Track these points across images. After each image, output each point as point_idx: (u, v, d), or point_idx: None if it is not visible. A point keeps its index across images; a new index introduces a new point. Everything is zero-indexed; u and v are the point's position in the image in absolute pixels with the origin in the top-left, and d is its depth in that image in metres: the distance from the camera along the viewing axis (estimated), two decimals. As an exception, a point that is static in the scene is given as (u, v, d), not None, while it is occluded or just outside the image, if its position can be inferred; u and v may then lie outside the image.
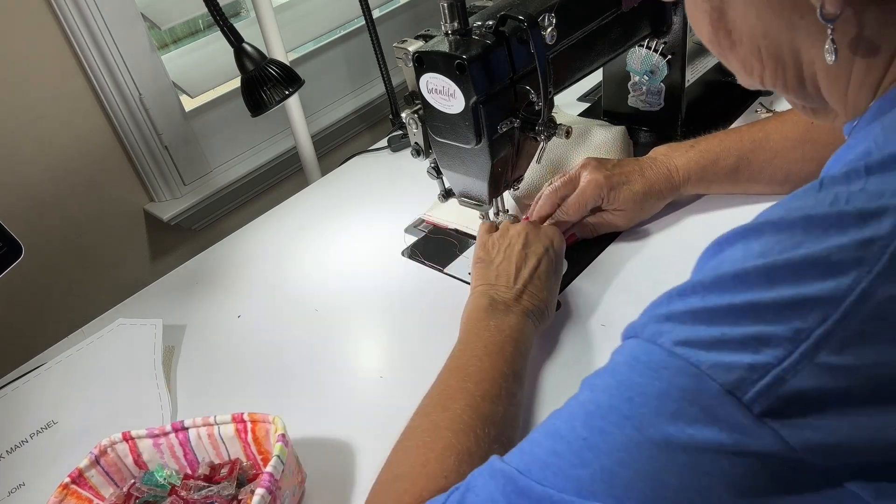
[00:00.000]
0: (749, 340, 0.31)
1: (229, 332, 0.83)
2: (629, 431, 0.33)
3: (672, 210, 0.84)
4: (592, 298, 0.75)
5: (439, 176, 0.79)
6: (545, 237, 0.72)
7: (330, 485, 0.62)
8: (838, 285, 0.30)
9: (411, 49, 0.68)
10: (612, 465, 0.33)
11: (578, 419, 0.36)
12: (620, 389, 0.34)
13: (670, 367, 0.33)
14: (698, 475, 0.31)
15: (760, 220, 0.34)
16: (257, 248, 0.98)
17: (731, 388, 0.31)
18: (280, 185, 1.29)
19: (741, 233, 0.35)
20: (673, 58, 0.90)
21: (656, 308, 0.36)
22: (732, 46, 0.43)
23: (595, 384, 0.37)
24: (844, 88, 0.40)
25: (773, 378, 0.30)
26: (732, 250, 0.35)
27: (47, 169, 1.00)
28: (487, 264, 0.70)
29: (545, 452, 0.37)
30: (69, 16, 0.94)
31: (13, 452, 0.72)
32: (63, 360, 0.81)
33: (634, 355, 0.35)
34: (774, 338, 0.30)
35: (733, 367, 0.31)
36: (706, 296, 0.33)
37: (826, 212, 0.31)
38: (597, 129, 0.94)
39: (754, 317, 0.31)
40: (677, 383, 0.32)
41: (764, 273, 0.32)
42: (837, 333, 0.30)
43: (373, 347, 0.77)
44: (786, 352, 0.30)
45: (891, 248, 0.29)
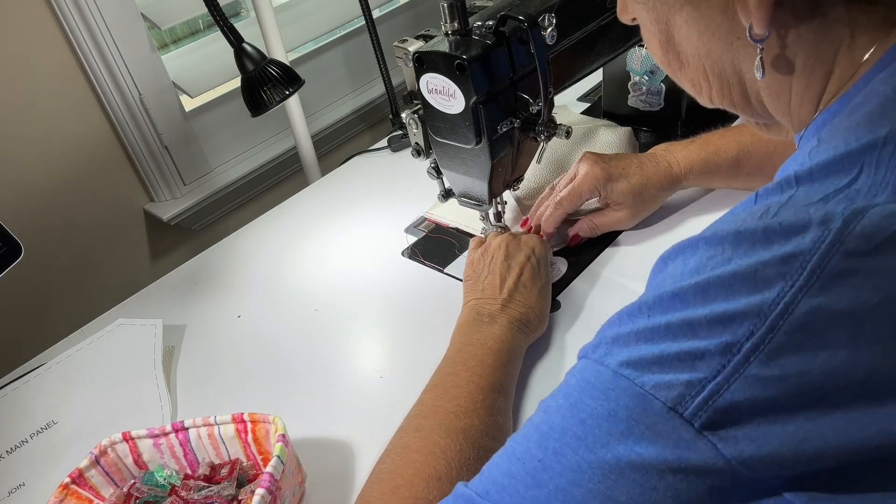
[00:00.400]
0: (685, 356, 0.32)
1: (229, 332, 0.83)
2: (582, 452, 0.34)
3: (672, 210, 0.84)
4: (592, 299, 0.75)
5: (439, 176, 0.79)
6: (526, 246, 0.73)
7: (330, 485, 0.62)
8: (764, 299, 0.31)
9: (411, 49, 0.68)
10: (566, 484, 0.34)
11: (533, 440, 0.37)
12: (573, 411, 0.36)
13: (617, 387, 0.34)
14: (646, 491, 0.33)
15: (698, 236, 0.36)
16: (257, 248, 0.98)
17: (672, 404, 0.32)
18: (280, 185, 1.29)
19: (680, 249, 0.37)
20: (673, 58, 0.90)
21: (608, 329, 0.38)
22: (682, 67, 0.45)
23: (549, 406, 0.38)
24: (787, 104, 0.42)
25: (708, 392, 0.31)
26: (674, 266, 0.36)
27: (47, 169, 1.00)
28: (475, 281, 0.71)
29: (502, 474, 0.38)
30: (69, 16, 0.94)
31: (13, 452, 0.72)
32: (63, 360, 0.81)
33: (585, 377, 0.36)
34: (707, 353, 0.32)
35: (673, 384, 0.32)
36: (650, 315, 0.35)
37: (754, 226, 0.33)
38: (603, 129, 0.94)
39: (689, 333, 0.33)
40: (624, 404, 0.34)
41: (699, 290, 0.33)
42: (765, 345, 0.31)
43: (373, 347, 0.77)
44: (719, 365, 0.31)
45: (811, 262, 0.31)
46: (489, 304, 0.67)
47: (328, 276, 0.88)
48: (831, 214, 0.31)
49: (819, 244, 0.31)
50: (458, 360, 0.62)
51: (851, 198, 0.32)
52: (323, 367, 0.75)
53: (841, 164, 0.33)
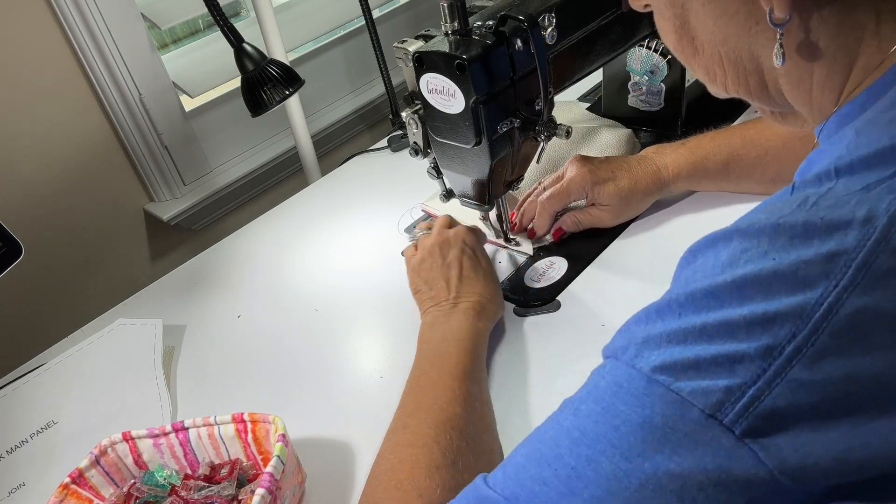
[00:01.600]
0: (723, 360, 0.31)
1: (229, 332, 0.83)
2: (617, 460, 0.33)
3: (673, 209, 0.84)
4: (592, 299, 0.75)
5: (439, 176, 0.79)
6: (456, 241, 0.75)
7: (330, 485, 0.62)
8: (806, 300, 0.30)
9: (411, 49, 0.68)
10: (602, 494, 0.33)
11: (564, 446, 0.36)
12: (606, 417, 0.34)
13: (652, 394, 0.33)
14: (685, 502, 0.32)
15: (731, 227, 0.34)
16: (257, 248, 0.98)
17: (711, 411, 0.31)
18: (280, 185, 1.29)
19: (711, 241, 0.35)
20: (673, 58, 0.90)
21: (635, 327, 0.36)
22: (696, 54, 0.44)
23: (580, 409, 0.36)
24: (808, 92, 0.40)
25: (749, 398, 0.30)
26: (704, 259, 0.35)
27: (47, 169, 1.00)
28: (423, 291, 0.73)
29: (532, 480, 0.36)
30: (69, 16, 0.94)
31: (13, 452, 0.72)
32: (63, 360, 0.81)
33: (617, 381, 0.35)
34: (747, 356, 0.31)
35: (711, 390, 0.31)
36: (681, 314, 0.33)
37: (793, 220, 0.32)
38: (604, 130, 0.94)
39: (726, 335, 0.31)
40: (660, 410, 0.32)
41: (735, 288, 0.32)
42: (808, 348, 0.30)
43: (373, 347, 0.77)
44: (759, 369, 0.30)
45: (857, 260, 0.29)
46: (443, 305, 0.69)
47: (328, 276, 0.88)
48: (875, 211, 0.30)
49: (864, 241, 0.29)
50: (426, 359, 0.64)
51: (894, 189, 0.30)
52: (323, 367, 0.75)
53: (883, 158, 0.32)
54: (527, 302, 0.76)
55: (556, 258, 0.81)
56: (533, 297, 0.76)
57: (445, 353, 0.63)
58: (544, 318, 0.74)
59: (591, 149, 0.91)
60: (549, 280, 0.78)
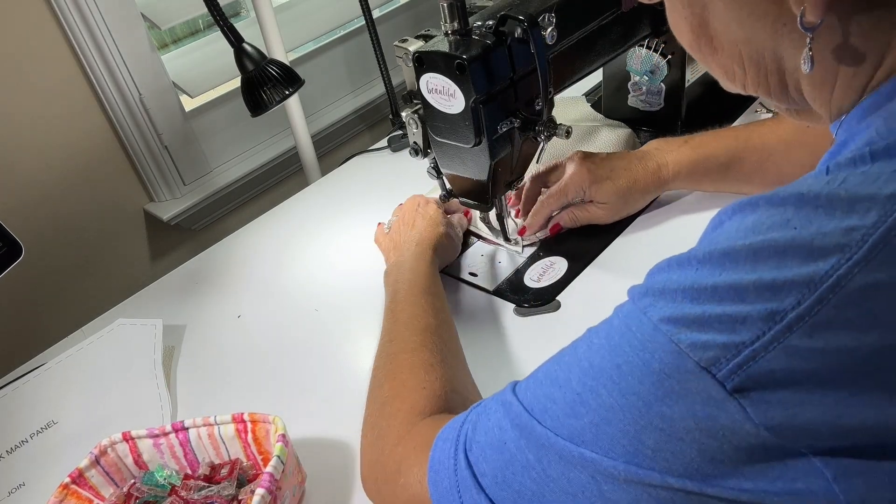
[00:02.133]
0: (727, 319, 0.32)
1: (229, 332, 0.83)
2: (616, 395, 0.36)
3: (673, 209, 0.84)
4: (592, 299, 0.75)
5: (439, 176, 0.79)
6: (411, 207, 0.84)
7: (330, 485, 0.62)
8: (816, 270, 0.31)
9: (411, 49, 0.68)
10: (599, 421, 0.36)
11: (574, 373, 0.39)
12: (612, 354, 0.37)
13: (654, 341, 0.35)
14: (673, 440, 0.34)
15: (760, 195, 0.35)
16: (257, 248, 0.98)
17: (706, 364, 0.33)
18: (280, 185, 1.29)
19: (739, 207, 0.36)
20: (673, 58, 0.90)
21: (657, 276, 0.38)
22: (714, 53, 0.44)
23: (593, 342, 0.39)
24: (829, 93, 0.40)
25: (744, 357, 0.32)
26: (730, 223, 0.36)
27: (47, 169, 1.00)
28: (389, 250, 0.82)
29: (545, 396, 0.40)
30: (69, 16, 0.94)
31: (13, 452, 0.72)
32: (63, 360, 0.81)
33: (628, 323, 0.37)
34: (749, 317, 0.32)
35: (710, 345, 0.33)
36: (698, 270, 0.35)
37: (818, 191, 0.32)
38: (604, 129, 0.94)
39: (735, 296, 0.33)
40: (659, 357, 0.34)
41: (750, 253, 0.33)
42: (810, 317, 0.30)
43: (373, 347, 0.76)
44: (759, 331, 0.31)
45: (874, 237, 0.30)
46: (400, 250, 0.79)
47: (328, 276, 0.88)
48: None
49: (885, 218, 0.30)
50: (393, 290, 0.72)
51: None
52: (323, 367, 0.75)
53: None
54: (527, 302, 0.76)
55: (556, 258, 0.81)
56: (533, 297, 0.77)
57: (405, 281, 0.71)
58: (544, 318, 0.74)
59: (590, 148, 0.91)
60: (549, 280, 0.78)
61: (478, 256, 0.85)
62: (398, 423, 0.54)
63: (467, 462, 0.43)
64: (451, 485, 0.44)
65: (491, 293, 0.79)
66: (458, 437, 0.45)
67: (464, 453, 0.44)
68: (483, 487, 0.42)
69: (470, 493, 0.42)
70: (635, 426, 0.35)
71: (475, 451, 0.43)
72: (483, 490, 0.42)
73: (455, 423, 0.47)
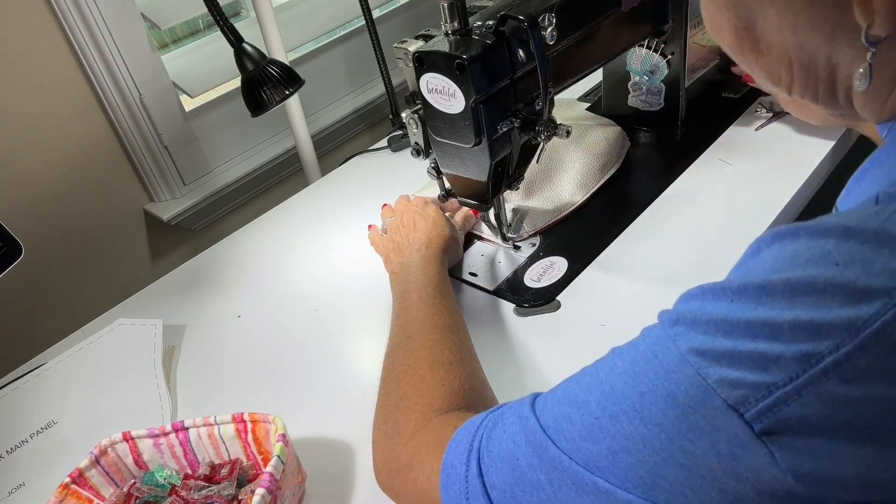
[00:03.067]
0: (759, 357, 0.31)
1: (229, 332, 0.83)
2: (636, 424, 0.34)
3: (673, 209, 0.84)
4: (592, 299, 0.75)
5: (439, 176, 0.79)
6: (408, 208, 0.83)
7: (330, 485, 0.62)
8: (859, 314, 0.28)
9: (411, 49, 0.68)
10: (617, 448, 0.35)
11: (594, 396, 0.37)
12: (636, 381, 0.35)
13: (681, 372, 0.33)
14: (693, 476, 0.32)
15: (800, 224, 0.33)
16: (257, 248, 0.98)
17: (734, 402, 0.31)
18: (280, 185, 1.29)
19: (778, 235, 0.34)
20: (673, 58, 0.90)
21: (689, 302, 0.36)
22: (759, 56, 0.41)
23: (616, 366, 0.38)
24: (882, 103, 0.38)
25: (775, 399, 0.30)
26: (769, 252, 0.34)
27: (47, 169, 1.00)
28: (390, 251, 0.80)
29: (562, 416, 0.39)
30: (69, 16, 0.94)
31: (13, 452, 0.72)
32: (63, 360, 0.81)
33: (654, 350, 0.35)
34: (783, 358, 0.30)
35: (739, 383, 0.31)
36: (733, 302, 0.33)
37: (866, 224, 0.30)
38: (595, 128, 0.94)
39: (769, 334, 0.31)
40: (685, 390, 0.33)
41: (787, 288, 0.31)
42: (849, 363, 0.28)
43: (373, 347, 0.77)
44: (793, 373, 0.29)
45: None
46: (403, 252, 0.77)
47: (328, 276, 0.88)
48: None
49: None
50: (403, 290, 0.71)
51: None
52: (323, 367, 0.75)
53: None
54: (527, 302, 0.76)
55: (556, 258, 0.81)
56: (533, 297, 0.77)
57: (417, 281, 0.71)
58: (544, 318, 0.74)
59: (581, 146, 0.91)
60: (549, 280, 0.78)
61: (478, 256, 0.85)
62: (415, 418, 0.54)
63: (479, 471, 0.42)
64: (461, 491, 0.43)
65: (491, 293, 0.79)
66: (473, 442, 0.44)
67: (476, 461, 0.43)
68: (492, 500, 0.41)
69: (479, 502, 0.42)
70: (654, 458, 0.33)
71: (487, 461, 0.42)
72: (491, 502, 0.41)
73: (471, 427, 0.46)
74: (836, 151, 0.88)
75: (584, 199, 0.87)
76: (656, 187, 0.88)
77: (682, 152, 0.93)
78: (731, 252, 0.78)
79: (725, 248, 0.75)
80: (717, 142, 0.93)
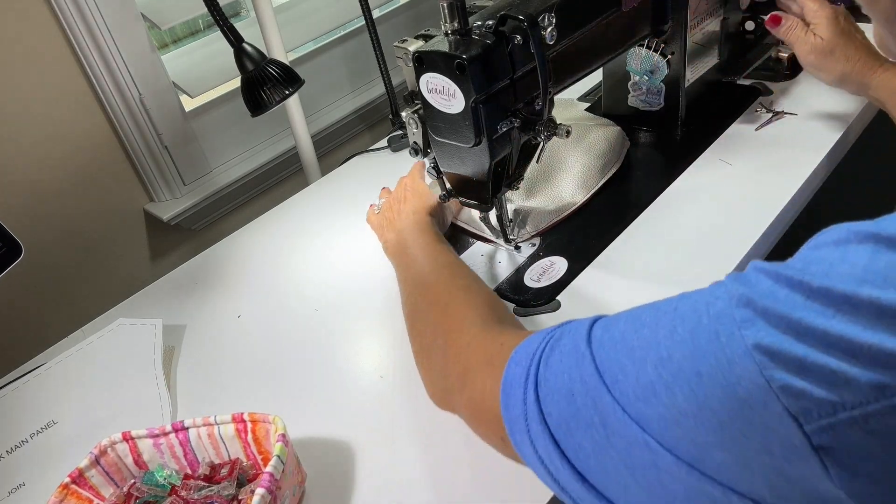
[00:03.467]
0: (830, 374, 0.29)
1: (229, 332, 0.83)
2: (691, 404, 0.33)
3: (673, 209, 0.84)
4: (592, 299, 0.75)
5: (439, 176, 0.79)
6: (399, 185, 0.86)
7: (330, 485, 0.62)
8: None
9: (411, 49, 0.68)
10: (668, 418, 0.34)
11: (651, 356, 0.36)
12: (695, 358, 0.34)
13: (744, 366, 0.31)
14: (743, 467, 0.32)
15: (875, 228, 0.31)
16: (257, 248, 0.98)
17: (795, 412, 0.30)
18: (280, 185, 1.29)
19: (876, 236, 0.31)
20: (673, 58, 0.90)
21: (761, 280, 0.33)
22: None
23: (676, 330, 0.36)
24: None
25: (839, 420, 0.29)
26: (857, 251, 0.31)
27: (47, 169, 1.00)
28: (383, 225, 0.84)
29: (617, 364, 0.38)
30: (69, 16, 0.94)
31: (13, 452, 0.72)
32: (63, 360, 0.81)
33: (718, 329, 0.33)
34: (856, 382, 0.28)
35: (804, 394, 0.29)
36: (809, 300, 0.31)
37: None
38: (594, 129, 0.94)
39: (845, 353, 0.29)
40: (746, 387, 0.31)
41: (874, 309, 0.29)
42: None
43: (373, 347, 0.77)
44: (863, 399, 0.28)
45: None
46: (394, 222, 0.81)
47: (328, 276, 0.88)
48: None
49: None
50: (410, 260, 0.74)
51: None
52: (323, 367, 0.75)
53: None
54: (527, 302, 0.76)
55: (556, 258, 0.81)
56: (533, 296, 0.77)
57: (413, 240, 0.75)
58: (544, 318, 0.74)
59: (580, 147, 0.91)
60: (549, 280, 0.78)
61: (478, 256, 0.85)
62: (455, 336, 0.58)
63: (536, 396, 0.43)
64: (521, 413, 0.44)
65: (491, 293, 0.79)
66: (530, 367, 0.44)
67: (534, 386, 0.43)
68: (549, 426, 0.41)
69: (536, 425, 0.42)
70: (705, 440, 0.33)
71: (544, 389, 0.42)
72: (548, 428, 0.41)
73: (529, 347, 0.46)
74: (836, 151, 0.89)
75: (584, 200, 0.87)
76: (656, 187, 0.88)
77: (682, 152, 0.93)
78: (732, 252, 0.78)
79: (726, 247, 0.75)
80: (717, 142, 0.93)
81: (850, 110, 0.92)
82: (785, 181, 0.83)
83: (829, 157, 0.87)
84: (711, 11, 0.92)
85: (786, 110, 0.95)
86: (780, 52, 1.02)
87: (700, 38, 0.92)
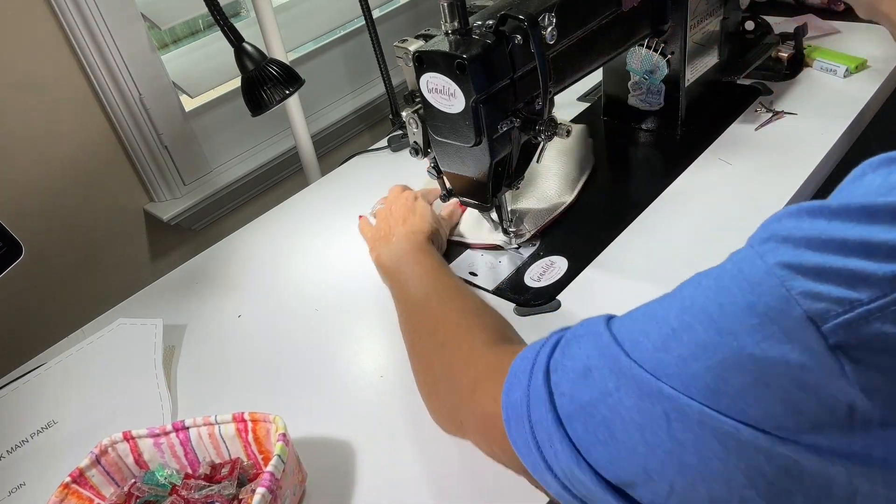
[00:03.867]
0: (848, 275, 0.30)
1: (229, 332, 0.83)
2: (711, 332, 0.35)
3: (673, 209, 0.84)
4: (592, 298, 0.75)
5: (439, 176, 0.80)
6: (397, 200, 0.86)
7: (330, 484, 0.62)
8: None
9: (411, 49, 0.68)
10: (687, 355, 0.35)
11: (673, 310, 0.38)
12: (717, 294, 0.36)
13: (765, 284, 0.33)
14: (759, 385, 0.33)
15: None
16: (257, 248, 0.98)
17: (813, 314, 0.31)
18: (280, 185, 1.29)
19: (887, 160, 0.33)
20: (673, 57, 0.90)
21: (783, 221, 0.35)
22: None
23: (700, 283, 0.38)
24: None
25: (856, 315, 0.30)
26: (874, 177, 0.33)
27: (47, 169, 1.00)
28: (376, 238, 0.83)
29: (639, 331, 0.39)
30: (69, 16, 0.94)
31: (13, 452, 0.72)
32: (63, 360, 0.81)
33: (741, 267, 0.35)
34: (873, 277, 0.30)
35: (823, 296, 0.31)
36: (830, 221, 0.32)
37: None
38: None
39: (863, 253, 0.30)
40: (765, 301, 0.33)
41: (890, 212, 0.30)
42: None
43: (373, 347, 0.77)
44: (880, 293, 0.29)
45: None
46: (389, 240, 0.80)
47: (328, 276, 0.88)
48: None
49: None
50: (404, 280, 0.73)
51: None
52: (323, 367, 0.75)
53: None
54: (527, 301, 0.76)
55: (557, 258, 0.81)
56: (533, 296, 0.77)
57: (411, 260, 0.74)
58: (544, 318, 0.74)
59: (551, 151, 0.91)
60: (549, 279, 0.78)
61: (478, 256, 0.85)
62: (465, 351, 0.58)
63: (546, 380, 0.44)
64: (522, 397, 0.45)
65: (491, 292, 0.79)
66: (537, 358, 0.46)
67: (543, 373, 0.44)
68: (556, 408, 0.42)
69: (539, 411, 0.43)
70: (723, 364, 0.34)
71: (559, 372, 0.43)
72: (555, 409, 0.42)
73: (536, 343, 0.48)
74: (836, 150, 0.89)
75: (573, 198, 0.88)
76: (656, 187, 0.88)
77: (681, 152, 0.93)
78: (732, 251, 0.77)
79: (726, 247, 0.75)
80: (717, 141, 0.93)
81: (851, 110, 0.92)
82: (785, 181, 0.83)
83: (829, 157, 0.87)
84: (711, 11, 0.92)
85: (786, 110, 0.95)
86: (780, 51, 1.02)
87: (700, 37, 0.92)
